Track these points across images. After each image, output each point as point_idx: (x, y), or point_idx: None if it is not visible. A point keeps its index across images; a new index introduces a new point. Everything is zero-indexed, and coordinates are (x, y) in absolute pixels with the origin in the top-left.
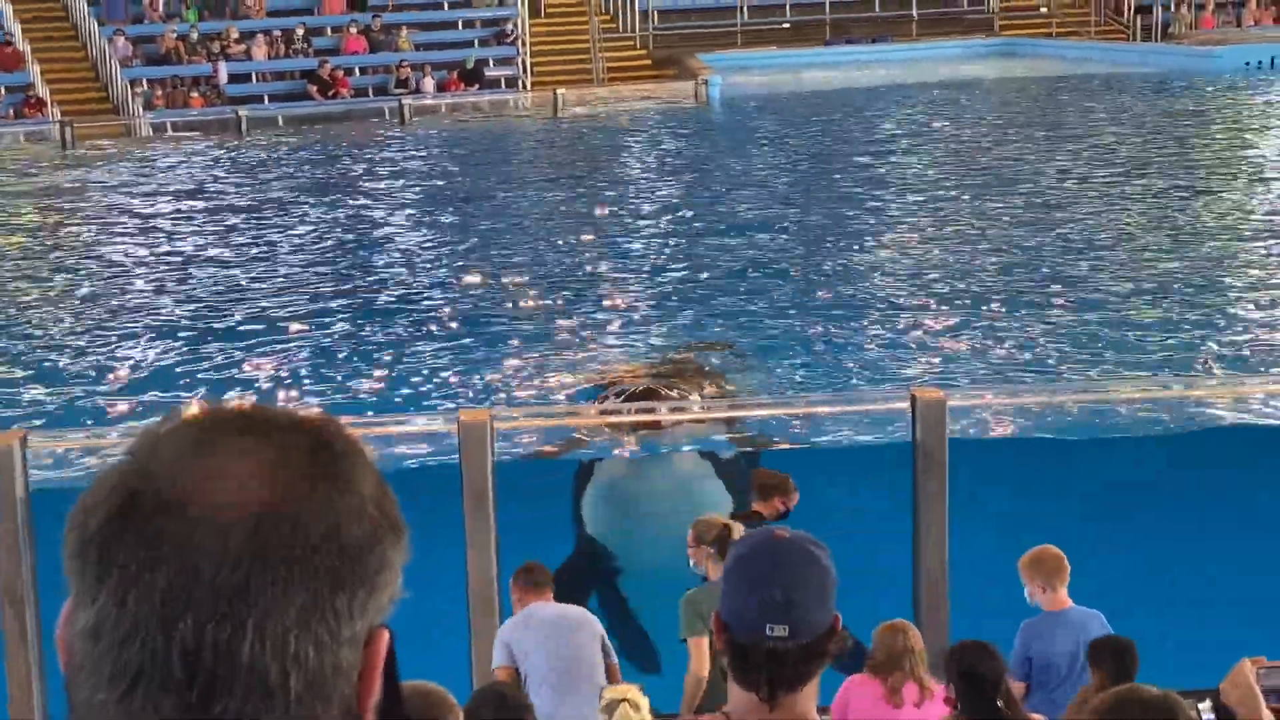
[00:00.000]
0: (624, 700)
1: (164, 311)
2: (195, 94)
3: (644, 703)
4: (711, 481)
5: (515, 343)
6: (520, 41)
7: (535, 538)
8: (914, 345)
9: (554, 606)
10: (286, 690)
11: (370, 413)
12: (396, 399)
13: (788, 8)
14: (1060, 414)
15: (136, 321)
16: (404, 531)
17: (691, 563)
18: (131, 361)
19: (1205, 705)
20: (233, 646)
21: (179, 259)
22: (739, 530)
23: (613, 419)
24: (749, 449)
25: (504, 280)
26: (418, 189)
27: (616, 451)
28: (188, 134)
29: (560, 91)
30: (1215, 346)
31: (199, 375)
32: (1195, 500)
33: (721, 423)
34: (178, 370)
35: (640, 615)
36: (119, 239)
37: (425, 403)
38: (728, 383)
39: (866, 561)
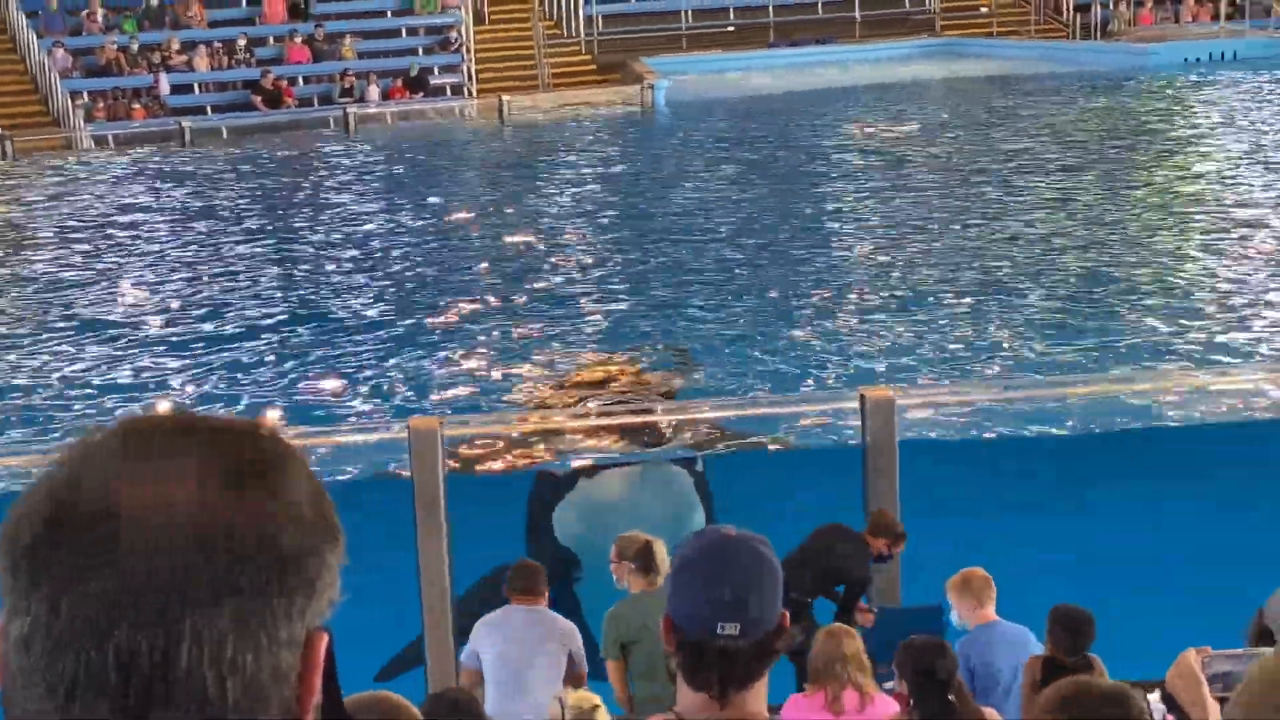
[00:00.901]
0: (596, 707)
1: (106, 324)
2: (137, 105)
3: (603, 708)
4: (693, 493)
5: (466, 349)
6: (465, 48)
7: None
8: (863, 345)
9: (525, 612)
10: (225, 696)
11: (302, 423)
12: (349, 408)
13: (731, 11)
14: (1009, 410)
15: (75, 335)
16: (341, 535)
17: (614, 578)
18: (71, 373)
19: (1155, 696)
20: (169, 654)
21: (123, 271)
22: (660, 546)
23: (560, 425)
24: (722, 452)
25: (452, 288)
26: (365, 197)
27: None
28: (130, 146)
29: (506, 98)
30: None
31: (141, 387)
32: (1141, 492)
33: (700, 428)
34: (119, 381)
35: (590, 619)
36: (61, 252)
37: (377, 411)
38: (683, 383)
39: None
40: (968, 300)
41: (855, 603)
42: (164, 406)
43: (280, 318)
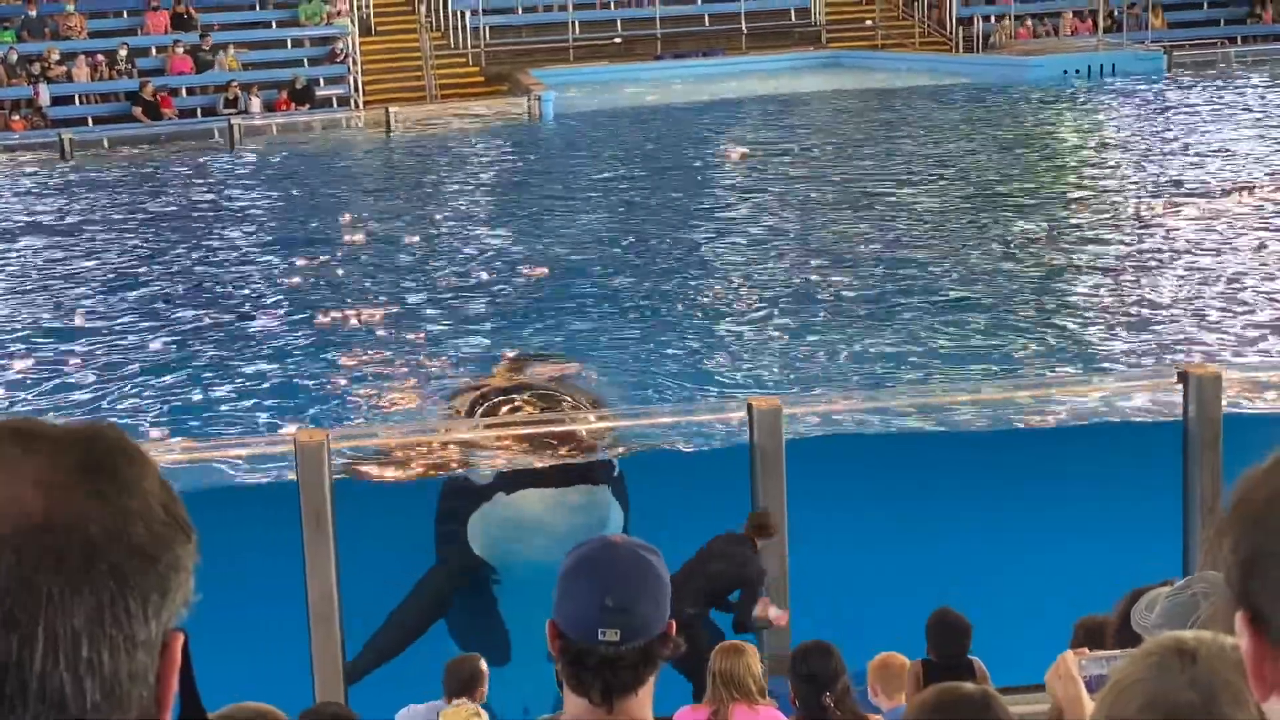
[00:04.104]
0: (476, 715)
1: None
2: (16, 117)
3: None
4: (608, 494)
5: (353, 362)
6: (351, 60)
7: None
8: (750, 355)
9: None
10: (82, 699)
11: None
12: (235, 421)
13: (618, 23)
14: (894, 416)
15: None
16: (193, 532)
17: None
18: None
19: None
20: (23, 659)
21: (4, 284)
22: None
23: (457, 437)
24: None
25: (339, 300)
26: (250, 210)
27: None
28: (9, 157)
29: (393, 109)
30: (1041, 346)
31: (20, 400)
32: (1027, 498)
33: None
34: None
35: (506, 613)
36: None
37: (263, 424)
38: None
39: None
40: (854, 309)
41: (753, 603)
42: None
43: (164, 331)
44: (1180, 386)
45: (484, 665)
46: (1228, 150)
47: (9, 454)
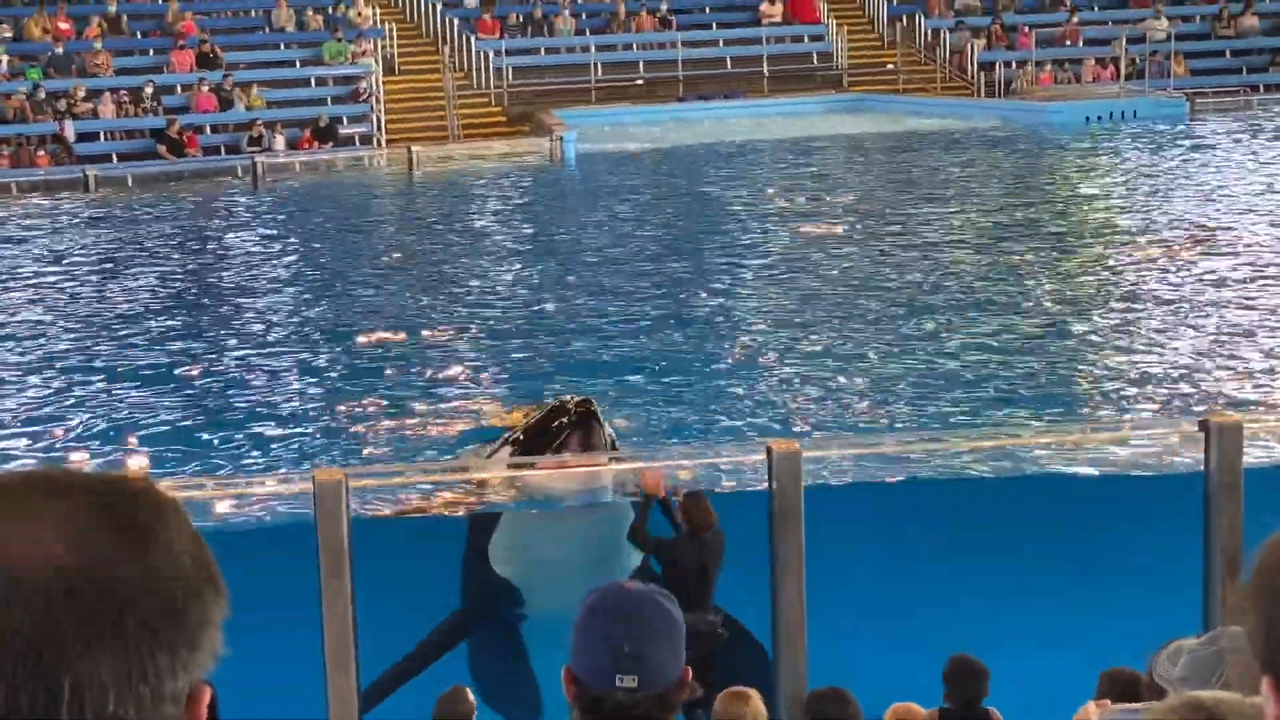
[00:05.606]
0: None
1: (4, 374)
2: (42, 153)
3: None
4: (624, 505)
5: (373, 401)
6: (375, 99)
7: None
8: (770, 397)
9: None
10: None
11: (217, 473)
12: (254, 459)
13: (641, 64)
14: (913, 462)
15: None
16: (223, 587)
17: None
18: None
19: None
20: (50, 709)
21: (21, 320)
22: None
23: (466, 476)
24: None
25: (359, 339)
26: (272, 247)
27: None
28: (33, 193)
29: (415, 148)
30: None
31: (36, 438)
32: (1046, 546)
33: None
34: (16, 434)
35: (535, 660)
36: None
37: (281, 463)
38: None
39: None
40: (875, 351)
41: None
42: (39, 462)
43: (185, 368)
44: (1201, 435)
45: (472, 697)
46: (1250, 196)
47: (39, 505)
